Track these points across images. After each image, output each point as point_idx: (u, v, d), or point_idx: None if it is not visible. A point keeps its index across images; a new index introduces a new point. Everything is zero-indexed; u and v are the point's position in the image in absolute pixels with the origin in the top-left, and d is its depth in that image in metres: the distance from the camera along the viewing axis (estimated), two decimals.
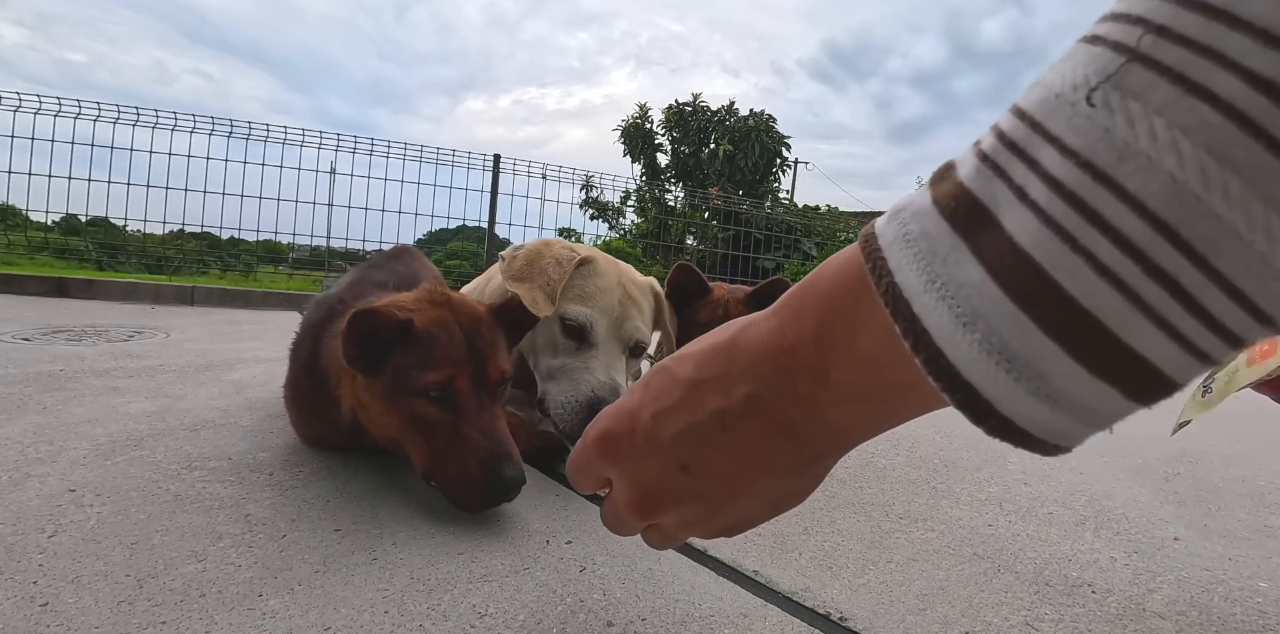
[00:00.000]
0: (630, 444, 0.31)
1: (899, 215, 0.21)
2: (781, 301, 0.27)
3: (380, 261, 1.03)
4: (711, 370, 0.28)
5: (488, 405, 0.66)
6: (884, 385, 0.23)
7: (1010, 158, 0.18)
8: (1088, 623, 0.53)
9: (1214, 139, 0.14)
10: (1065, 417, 0.18)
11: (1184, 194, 0.15)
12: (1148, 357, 0.17)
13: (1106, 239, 0.16)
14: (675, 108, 8.48)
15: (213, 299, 3.08)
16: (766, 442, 0.28)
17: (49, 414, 0.88)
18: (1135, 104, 0.15)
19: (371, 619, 0.44)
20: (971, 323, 0.18)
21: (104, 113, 3.33)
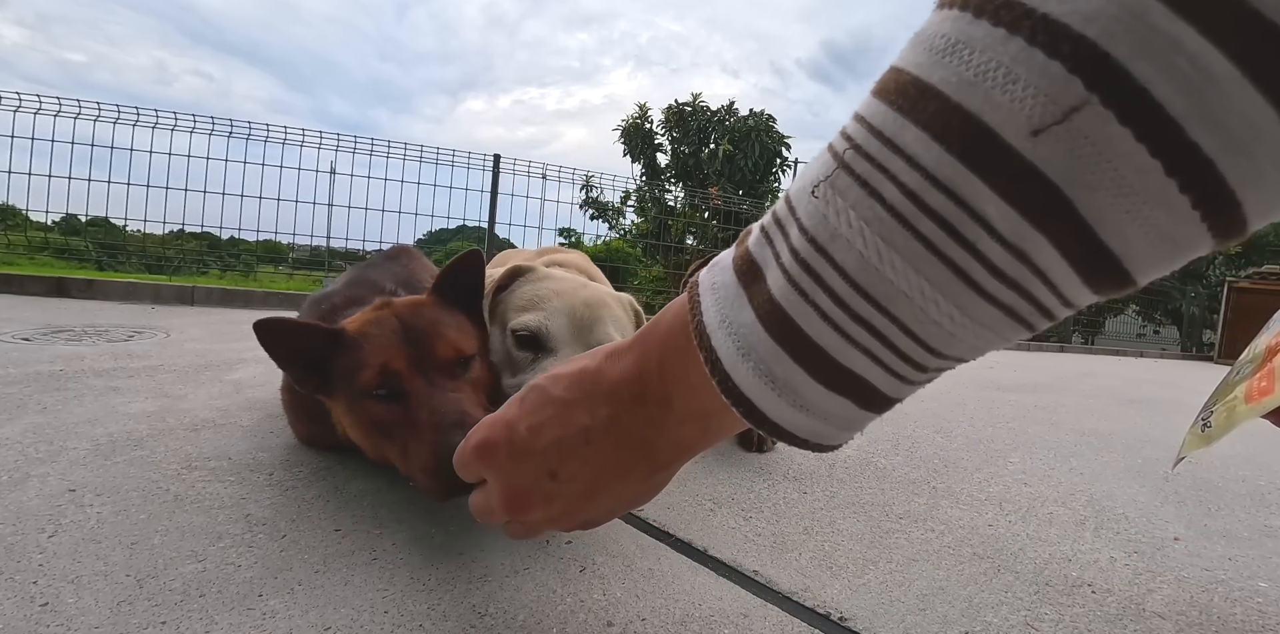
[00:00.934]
0: (507, 451, 0.36)
1: (713, 268, 0.28)
2: (636, 338, 0.33)
3: (378, 261, 1.03)
4: (579, 392, 0.34)
5: (442, 384, 0.60)
6: (711, 407, 0.29)
7: (775, 230, 0.25)
8: (1088, 623, 0.53)
9: (884, 230, 0.20)
10: (818, 421, 0.25)
11: (868, 266, 0.21)
12: (865, 377, 0.23)
13: (825, 294, 0.22)
14: (675, 108, 8.47)
15: (213, 299, 3.08)
16: (622, 454, 0.34)
17: (49, 414, 0.88)
18: (840, 199, 0.22)
19: (371, 619, 0.44)
20: (747, 353, 0.25)
21: (104, 113, 3.33)
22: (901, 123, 0.20)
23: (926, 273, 0.20)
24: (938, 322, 0.21)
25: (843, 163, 0.22)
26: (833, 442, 0.27)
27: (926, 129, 0.19)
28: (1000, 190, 0.19)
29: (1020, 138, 0.18)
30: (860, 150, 0.21)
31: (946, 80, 0.19)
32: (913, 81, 0.20)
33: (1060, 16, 0.17)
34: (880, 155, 0.21)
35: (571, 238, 6.09)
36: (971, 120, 0.19)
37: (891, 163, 0.20)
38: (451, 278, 0.71)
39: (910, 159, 0.20)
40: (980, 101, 0.18)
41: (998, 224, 0.19)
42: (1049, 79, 0.17)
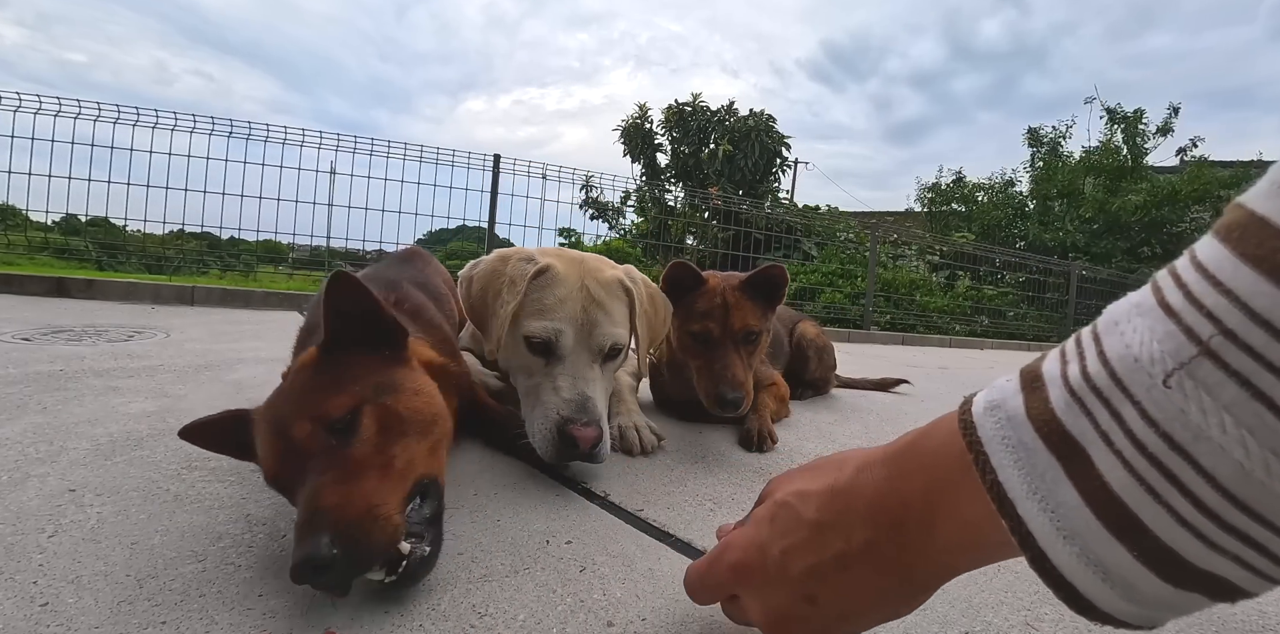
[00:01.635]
0: (762, 575, 0.36)
1: (994, 412, 0.26)
2: (893, 453, 0.32)
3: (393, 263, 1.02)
4: (831, 514, 0.33)
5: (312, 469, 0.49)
6: (986, 543, 0.28)
7: (1096, 403, 0.22)
8: (1087, 623, 0.53)
9: (1275, 441, 0.18)
10: (1155, 612, 0.23)
11: (1251, 478, 0.18)
12: (1226, 577, 0.21)
13: (1185, 499, 0.20)
14: (675, 108, 8.48)
15: (213, 299, 3.08)
16: (880, 579, 0.32)
17: (49, 414, 0.88)
18: (1207, 397, 0.19)
19: (371, 619, 0.44)
20: (1070, 537, 0.22)
21: (104, 113, 3.33)
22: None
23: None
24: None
25: (1208, 350, 0.19)
26: (1155, 625, 0.25)
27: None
28: None
29: None
30: (1234, 339, 0.18)
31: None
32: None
33: None
34: (1268, 350, 0.17)
35: (571, 238, 6.10)
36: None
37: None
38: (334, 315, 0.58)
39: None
40: None
41: None
42: None
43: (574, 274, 0.89)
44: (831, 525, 0.33)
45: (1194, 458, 0.19)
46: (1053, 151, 10.58)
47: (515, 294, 0.84)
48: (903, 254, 7.09)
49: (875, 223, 6.25)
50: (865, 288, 5.40)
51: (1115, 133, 10.11)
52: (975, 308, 6.42)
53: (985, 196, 10.88)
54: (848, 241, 6.73)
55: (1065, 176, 9.99)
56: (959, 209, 11.09)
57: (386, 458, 0.52)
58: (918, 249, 7.19)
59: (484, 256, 0.95)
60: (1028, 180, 10.78)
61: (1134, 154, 9.88)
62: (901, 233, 7.23)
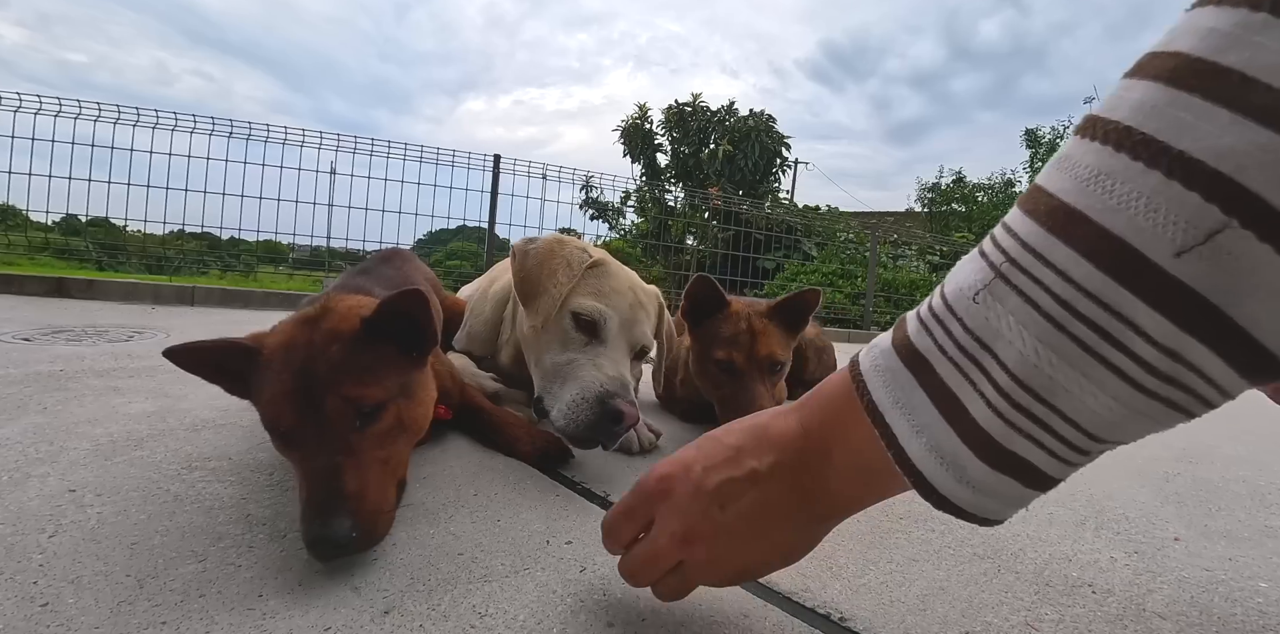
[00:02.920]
0: (683, 486, 0.40)
1: (871, 351, 0.33)
2: (800, 400, 0.40)
3: (369, 266, 1.02)
4: (749, 441, 0.40)
5: (330, 441, 0.53)
6: (868, 466, 0.34)
7: (934, 324, 0.29)
8: (1088, 623, 0.53)
9: (1040, 332, 0.24)
10: (983, 497, 0.28)
11: (1028, 362, 0.25)
12: (1029, 459, 0.27)
13: (989, 385, 0.26)
14: (675, 108, 8.48)
15: (213, 299, 3.08)
16: (785, 497, 0.38)
17: (49, 414, 0.88)
18: (999, 305, 0.26)
19: (371, 619, 0.44)
20: (921, 430, 0.29)
21: (104, 113, 3.33)
22: (1053, 242, 0.24)
23: (1083, 369, 0.23)
24: (1095, 411, 0.24)
25: (1000, 273, 0.26)
26: (997, 517, 0.30)
27: (1076, 248, 0.23)
28: (1150, 301, 0.21)
29: (1165, 257, 0.21)
30: (1015, 264, 0.25)
31: (1093, 207, 0.22)
32: (1061, 206, 0.24)
33: (1195, 153, 0.20)
34: (1034, 269, 0.24)
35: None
36: (1118, 242, 0.22)
37: (1045, 276, 0.24)
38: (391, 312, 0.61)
39: (1062, 273, 0.23)
40: (1125, 226, 0.21)
41: (1150, 330, 0.21)
42: (1188, 207, 0.20)
43: (624, 275, 0.94)
44: (748, 449, 0.39)
45: (994, 351, 0.26)
46: (1052, 152, 10.57)
47: (571, 277, 0.86)
48: (903, 254, 7.09)
49: (875, 223, 6.25)
50: (865, 288, 5.40)
51: None
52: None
53: (985, 197, 10.89)
54: (848, 242, 6.73)
55: None
56: (959, 209, 11.10)
57: (389, 454, 0.58)
58: (918, 249, 7.19)
59: (539, 236, 0.96)
60: (1028, 180, 10.77)
61: None
62: (901, 233, 7.22)
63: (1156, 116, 0.21)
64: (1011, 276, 0.25)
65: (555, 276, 0.86)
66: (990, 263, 0.27)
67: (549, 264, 0.87)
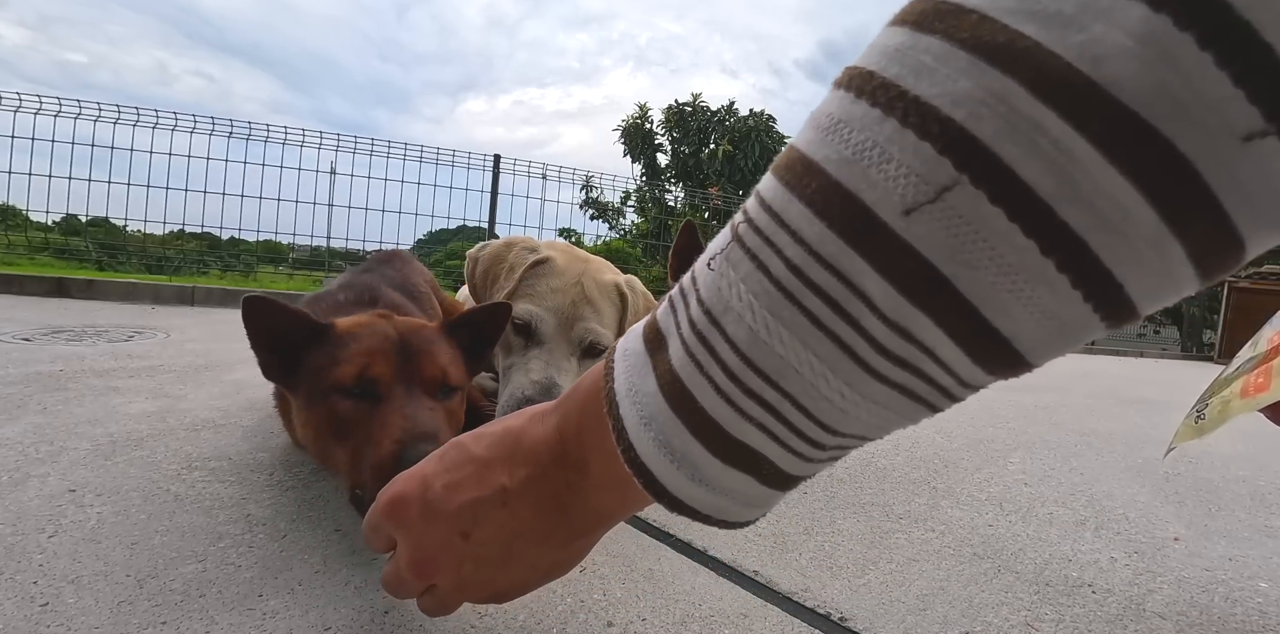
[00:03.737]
0: (419, 509, 0.34)
1: (629, 337, 0.28)
2: (559, 400, 0.33)
3: (370, 267, 1.02)
4: (500, 451, 0.34)
5: (418, 395, 0.58)
6: (625, 477, 0.27)
7: (679, 300, 0.25)
8: (1088, 623, 0.53)
9: (771, 303, 0.21)
10: (720, 497, 0.25)
11: (758, 340, 0.21)
12: (762, 452, 0.23)
13: (718, 367, 0.22)
14: (675, 108, 8.48)
15: (213, 299, 3.08)
16: (539, 517, 0.33)
17: (49, 414, 0.88)
18: (732, 272, 0.22)
19: (371, 619, 0.44)
20: (649, 423, 0.25)
21: (104, 113, 3.34)
22: (788, 198, 0.21)
23: (814, 348, 0.20)
24: (828, 398, 0.21)
25: (736, 236, 0.22)
26: (737, 519, 0.27)
27: (809, 205, 0.20)
28: (878, 267, 0.19)
29: (894, 216, 0.18)
30: (752, 224, 0.22)
31: (829, 158, 0.20)
32: (800, 158, 0.21)
33: (930, 99, 0.17)
34: (769, 229, 0.21)
35: (571, 238, 6.09)
36: (849, 198, 0.19)
37: (778, 237, 0.21)
38: (468, 320, 0.69)
39: (795, 234, 0.20)
40: (857, 179, 0.19)
41: (878, 301, 0.19)
42: (920, 159, 0.17)
43: (573, 270, 0.91)
44: (497, 461, 0.33)
45: (723, 326, 0.22)
46: None
47: (511, 280, 0.86)
48: None
49: None
50: None
51: None
52: None
53: None
54: None
55: None
56: None
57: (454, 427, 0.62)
58: None
59: (492, 241, 0.97)
60: None
61: None
62: None
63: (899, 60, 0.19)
64: (746, 239, 0.22)
65: (498, 282, 0.87)
66: (732, 226, 0.23)
67: (493, 271, 0.89)
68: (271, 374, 0.62)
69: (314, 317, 0.61)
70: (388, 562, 0.38)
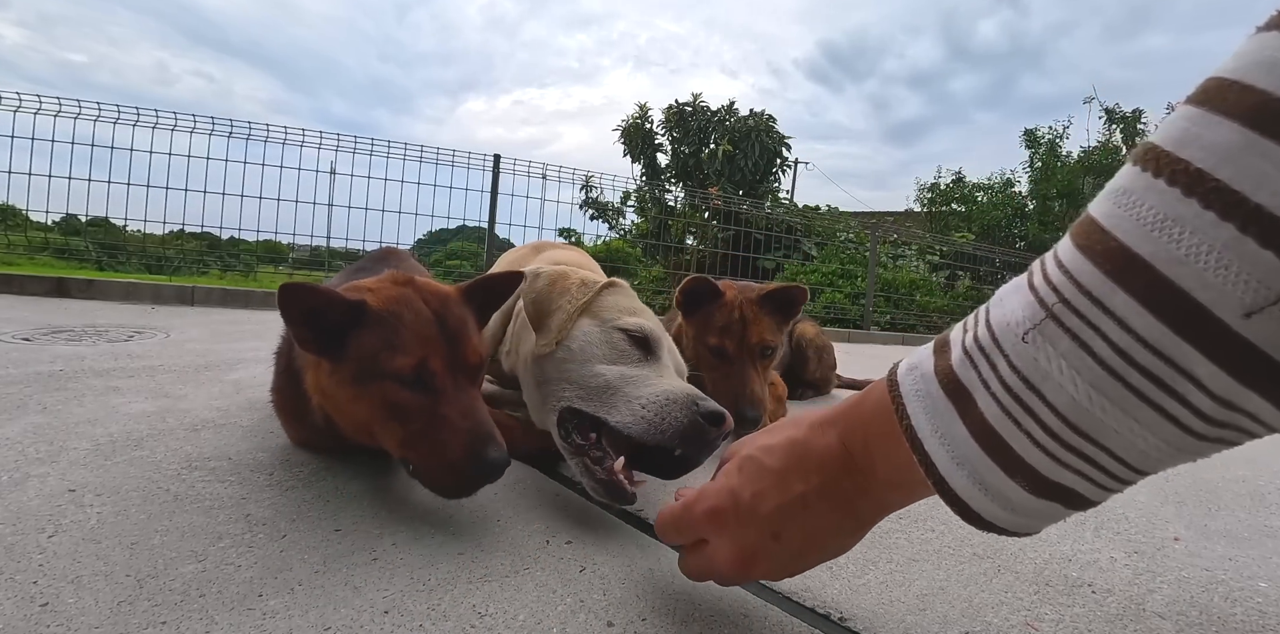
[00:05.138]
0: (734, 517, 0.41)
1: (912, 372, 0.33)
2: (838, 413, 0.39)
3: (366, 265, 1.02)
4: (791, 462, 0.40)
5: (465, 387, 0.63)
6: (910, 480, 0.34)
7: (980, 358, 0.28)
8: (1088, 623, 0.53)
9: (1093, 378, 0.24)
10: (1024, 518, 0.29)
11: (1078, 406, 0.24)
12: (1073, 488, 0.27)
13: (1036, 425, 0.26)
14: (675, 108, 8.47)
15: (213, 299, 3.08)
16: (834, 515, 0.39)
17: (49, 414, 0.88)
18: (1050, 347, 0.25)
19: (371, 619, 0.44)
20: (962, 463, 0.29)
21: (104, 113, 3.33)
22: (1111, 287, 0.23)
23: (1136, 415, 0.23)
24: (1145, 451, 0.24)
25: (1051, 314, 0.25)
26: (1031, 531, 0.31)
27: (1136, 297, 0.22)
28: (1211, 357, 0.21)
29: (1233, 316, 0.20)
30: (1069, 306, 0.24)
31: (1156, 255, 0.21)
32: (1121, 250, 0.23)
33: (1273, 208, 0.19)
34: (1090, 314, 0.24)
35: (572, 238, 6.09)
36: (1183, 296, 0.21)
37: (1101, 322, 0.23)
38: (485, 284, 0.74)
39: (1120, 321, 0.22)
40: (1192, 281, 0.20)
41: (1207, 383, 0.21)
42: (1261, 266, 0.19)
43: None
44: (793, 471, 0.39)
45: (1042, 393, 0.25)
46: (1051, 152, 10.56)
47: (586, 292, 0.82)
48: (903, 254, 7.08)
49: (875, 223, 6.25)
50: (865, 288, 5.39)
51: (1114, 133, 10.09)
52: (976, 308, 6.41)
53: (985, 197, 10.86)
54: (848, 242, 6.72)
55: (1064, 177, 9.98)
56: (959, 209, 11.07)
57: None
58: (918, 249, 7.18)
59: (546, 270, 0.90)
60: (1027, 180, 10.77)
61: None
62: (901, 233, 7.22)
63: (1232, 163, 0.19)
64: (1064, 319, 0.24)
65: (569, 294, 0.82)
66: (1040, 299, 0.26)
67: (560, 284, 0.83)
68: (310, 348, 0.63)
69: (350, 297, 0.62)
70: (692, 553, 0.45)
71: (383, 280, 0.68)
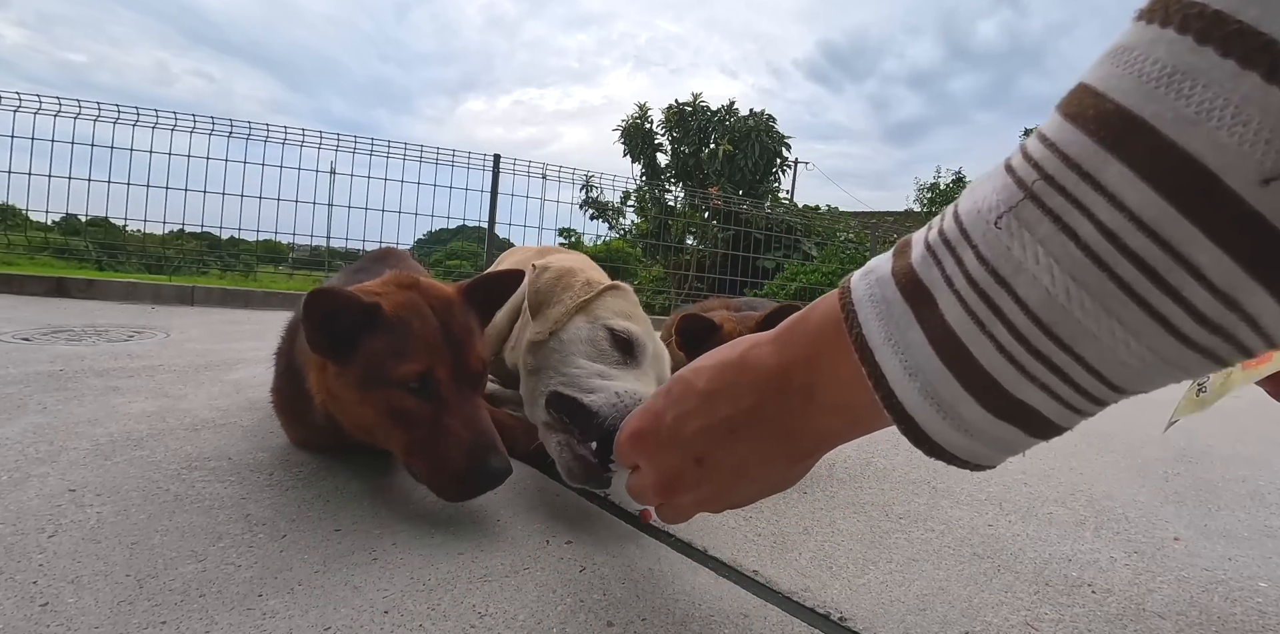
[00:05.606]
0: (655, 440, 0.39)
1: (867, 276, 0.28)
2: (780, 330, 0.35)
3: (365, 265, 1.02)
4: (722, 383, 0.36)
5: (469, 395, 0.64)
6: (855, 404, 0.30)
7: (944, 252, 0.24)
8: (1088, 623, 0.53)
9: (1074, 268, 0.20)
10: (980, 444, 0.26)
11: (1054, 303, 0.21)
12: (1037, 408, 0.23)
13: (1003, 327, 0.22)
14: (675, 108, 8.47)
15: (213, 299, 3.08)
16: (765, 442, 0.35)
17: (49, 414, 0.88)
18: (1026, 233, 0.21)
19: (371, 619, 0.44)
20: (914, 373, 0.25)
21: (104, 113, 3.33)
22: (1104, 157, 0.19)
23: (1120, 315, 0.20)
24: (1125, 362, 0.21)
25: (1031, 193, 0.21)
26: (990, 462, 0.28)
27: (1134, 167, 0.19)
28: (1217, 238, 0.18)
29: (1248, 184, 0.17)
30: (1052, 182, 0.21)
31: (1160, 115, 0.18)
32: (1118, 111, 0.19)
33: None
34: (1077, 190, 0.20)
35: (571, 238, 6.09)
36: (1189, 162, 0.18)
37: (1089, 199, 0.20)
38: (485, 283, 0.74)
39: (1112, 197, 0.19)
40: (1202, 143, 0.17)
41: (1209, 271, 0.18)
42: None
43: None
44: (721, 393, 0.36)
45: (1013, 288, 0.22)
46: None
47: (589, 291, 0.84)
48: None
49: (875, 223, 6.24)
50: None
51: None
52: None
53: None
54: (848, 242, 6.72)
55: None
56: None
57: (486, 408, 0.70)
58: None
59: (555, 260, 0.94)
60: None
61: None
62: (901, 233, 7.22)
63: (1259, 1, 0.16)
64: (1045, 198, 0.21)
65: (572, 290, 0.84)
66: (1019, 179, 0.22)
67: (565, 280, 0.86)
68: (321, 350, 0.63)
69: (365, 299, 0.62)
70: (632, 474, 0.44)
71: (388, 282, 0.68)
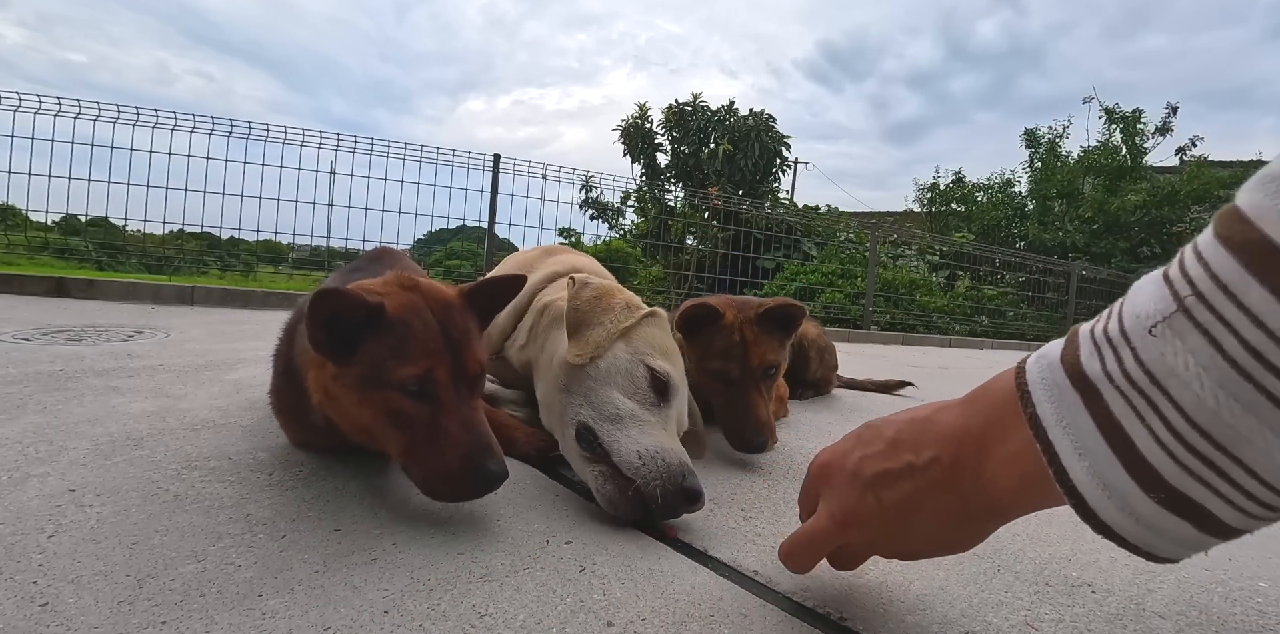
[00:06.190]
0: (840, 474, 0.43)
1: (1039, 362, 0.32)
2: (966, 398, 0.39)
3: (361, 264, 1.02)
4: (908, 435, 0.40)
5: (466, 398, 0.64)
6: (1027, 474, 0.33)
7: (1108, 349, 0.27)
8: (1088, 623, 0.53)
9: (1223, 379, 0.22)
10: (1152, 534, 0.27)
11: (1205, 408, 0.23)
12: (1204, 505, 0.25)
13: (1160, 423, 0.24)
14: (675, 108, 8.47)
15: (213, 299, 3.08)
16: (937, 493, 0.38)
17: (49, 414, 0.88)
18: (1178, 342, 0.24)
19: (371, 619, 0.44)
20: (1084, 454, 0.28)
21: (104, 113, 3.33)
22: (1247, 280, 0.21)
23: (1270, 423, 0.21)
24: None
25: (1183, 307, 0.24)
26: (1170, 555, 0.29)
27: (1275, 292, 0.21)
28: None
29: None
30: (1202, 299, 0.23)
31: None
32: (1262, 240, 0.21)
33: None
34: (1223, 308, 0.22)
35: (571, 238, 6.09)
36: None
37: (1234, 317, 0.22)
38: (486, 288, 0.74)
39: (1254, 317, 0.21)
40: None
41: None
42: None
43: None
44: (906, 443, 0.40)
45: (1167, 391, 0.24)
46: (1051, 152, 10.55)
47: (630, 317, 0.82)
48: (903, 254, 7.09)
49: (875, 223, 6.25)
50: (865, 288, 5.39)
51: (1114, 133, 10.09)
52: (975, 308, 6.42)
53: (985, 196, 10.87)
54: (848, 241, 6.72)
55: (1064, 176, 9.98)
56: (958, 209, 11.07)
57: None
58: (918, 249, 7.18)
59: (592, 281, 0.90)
60: (1027, 180, 10.76)
61: (1133, 154, 9.86)
62: (901, 233, 7.23)
63: None
64: (1195, 312, 0.23)
65: (612, 312, 0.82)
66: (1173, 290, 0.24)
67: (606, 300, 0.83)
68: (322, 350, 0.62)
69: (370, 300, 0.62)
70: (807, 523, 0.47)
71: (389, 282, 0.68)
